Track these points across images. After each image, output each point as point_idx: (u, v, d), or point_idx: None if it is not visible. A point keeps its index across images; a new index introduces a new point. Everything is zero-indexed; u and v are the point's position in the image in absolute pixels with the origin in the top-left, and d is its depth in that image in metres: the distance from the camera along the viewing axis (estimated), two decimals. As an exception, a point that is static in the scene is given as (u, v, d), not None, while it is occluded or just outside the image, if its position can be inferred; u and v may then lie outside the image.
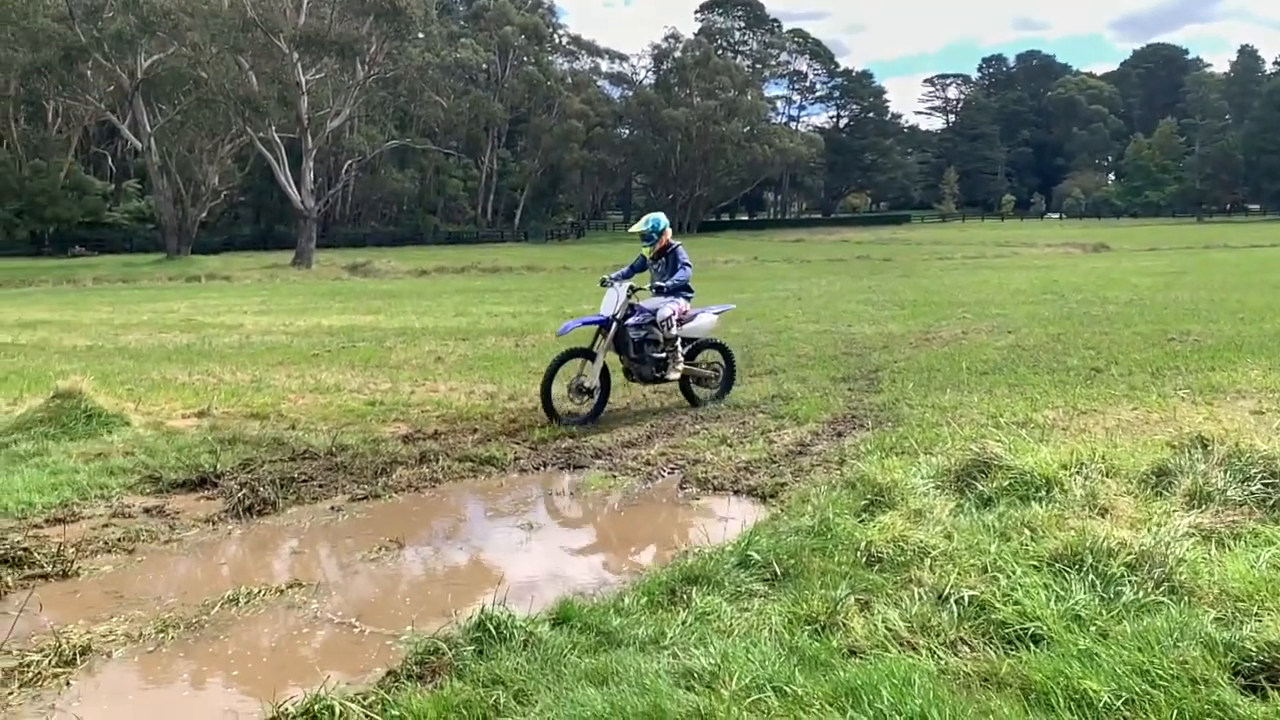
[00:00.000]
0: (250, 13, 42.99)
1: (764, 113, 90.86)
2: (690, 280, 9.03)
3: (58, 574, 4.96)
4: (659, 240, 9.02)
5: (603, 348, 8.54)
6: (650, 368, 8.69)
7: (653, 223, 9.07)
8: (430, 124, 73.14)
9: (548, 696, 3.46)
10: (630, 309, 8.69)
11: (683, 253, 9.03)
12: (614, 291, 8.67)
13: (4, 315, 21.25)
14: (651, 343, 8.66)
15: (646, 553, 5.26)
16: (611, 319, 8.58)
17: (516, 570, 5.13)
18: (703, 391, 9.22)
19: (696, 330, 9.16)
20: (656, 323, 8.66)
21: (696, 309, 9.23)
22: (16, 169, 57.43)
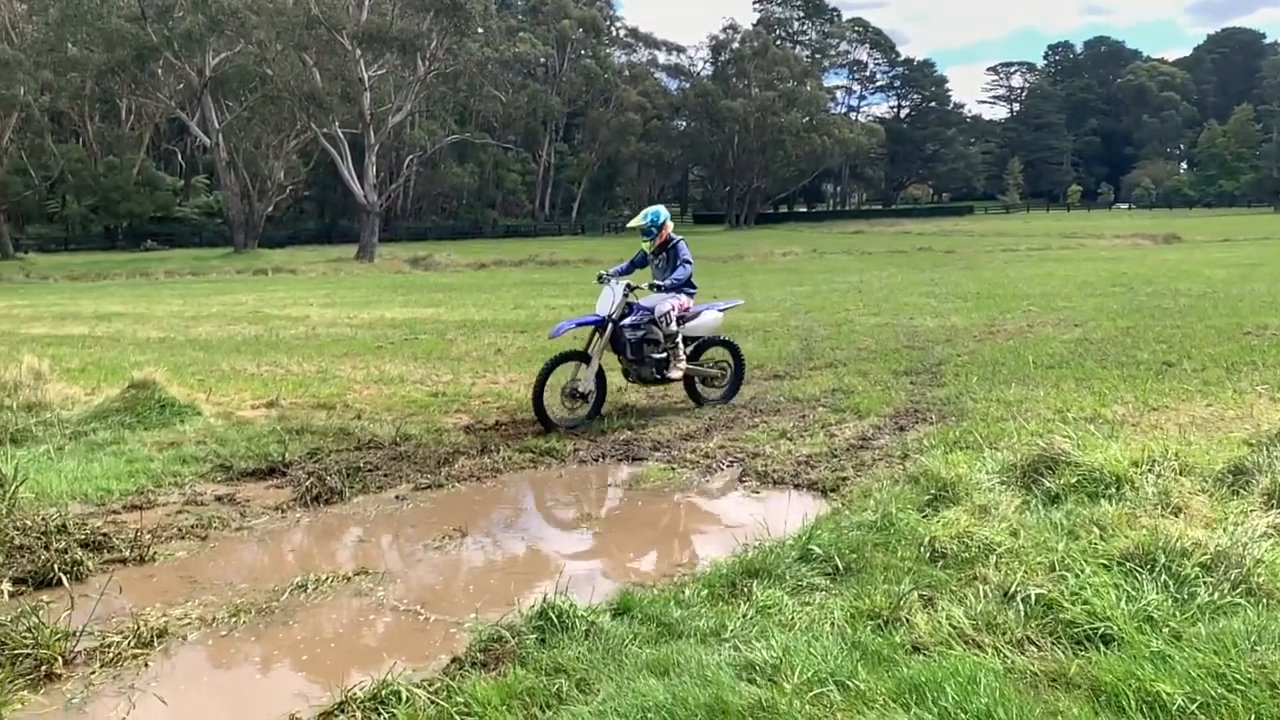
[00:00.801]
0: (314, 10, 43.74)
1: (823, 103, 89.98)
2: (693, 276, 8.63)
3: (135, 559, 5.12)
4: (659, 235, 8.58)
5: (598, 350, 8.14)
6: (650, 369, 8.33)
7: (651, 216, 8.63)
8: (489, 118, 73.74)
9: (609, 686, 3.49)
10: (628, 308, 8.27)
11: (684, 248, 8.61)
12: (610, 290, 8.23)
13: (81, 307, 21.96)
14: (651, 342, 8.28)
15: (706, 545, 5.25)
16: (607, 319, 8.14)
17: (576, 560, 5.17)
18: (710, 392, 8.87)
19: (700, 328, 8.77)
20: (655, 321, 8.27)
21: (701, 305, 8.86)
22: (92, 166, 59.21)
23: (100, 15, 45.41)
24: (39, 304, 23.26)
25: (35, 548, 4.96)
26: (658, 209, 8.74)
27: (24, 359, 9.55)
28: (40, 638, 3.88)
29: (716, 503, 6.21)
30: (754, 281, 25.00)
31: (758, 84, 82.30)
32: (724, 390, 8.93)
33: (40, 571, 4.76)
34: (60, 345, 14.16)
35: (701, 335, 8.83)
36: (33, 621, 3.99)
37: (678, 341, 8.42)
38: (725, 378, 8.97)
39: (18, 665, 3.73)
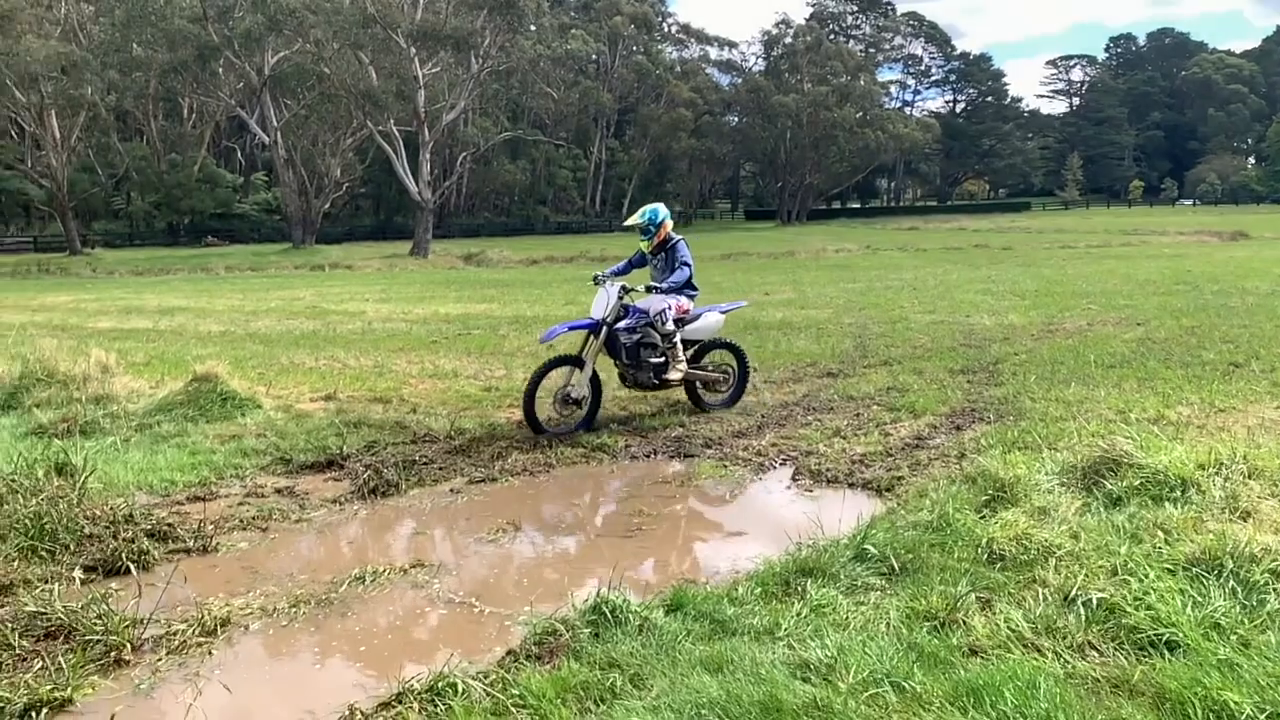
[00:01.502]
0: (370, 9, 44.32)
1: (877, 98, 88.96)
2: (694, 278, 8.27)
3: (198, 549, 5.25)
4: (657, 234, 8.18)
5: (592, 354, 7.80)
6: (647, 374, 7.99)
7: (649, 214, 8.21)
8: (541, 115, 74.17)
9: (663, 681, 3.50)
10: (624, 310, 7.91)
11: (683, 248, 8.23)
12: (605, 292, 7.89)
13: (145, 302, 22.52)
14: (648, 346, 7.96)
15: (758, 543, 5.23)
16: (601, 322, 7.80)
17: (628, 556, 5.18)
18: (713, 397, 8.54)
19: (701, 331, 8.43)
20: (651, 323, 7.94)
21: (702, 307, 8.54)
22: (155, 163, 60.66)
23: (164, 16, 46.50)
24: (105, 298, 23.89)
25: (104, 537, 5.11)
26: (655, 206, 8.34)
27: (92, 352, 9.82)
28: (110, 624, 4.00)
29: (769, 500, 6.19)
30: (806, 278, 24.81)
31: (810, 79, 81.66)
32: (727, 395, 8.58)
33: (109, 560, 4.90)
34: (126, 339, 14.54)
35: (702, 338, 8.49)
36: (103, 608, 4.11)
37: (676, 343, 8.06)
38: (729, 382, 8.63)
39: (88, 650, 3.84)
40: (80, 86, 47.08)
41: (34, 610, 4.10)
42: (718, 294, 20.67)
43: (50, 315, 19.34)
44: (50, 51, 43.66)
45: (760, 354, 11.58)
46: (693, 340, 8.40)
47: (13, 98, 45.48)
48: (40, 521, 5.07)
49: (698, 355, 8.50)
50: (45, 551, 4.93)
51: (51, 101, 46.58)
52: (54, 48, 44.27)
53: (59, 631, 3.99)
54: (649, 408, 8.62)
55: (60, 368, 9.41)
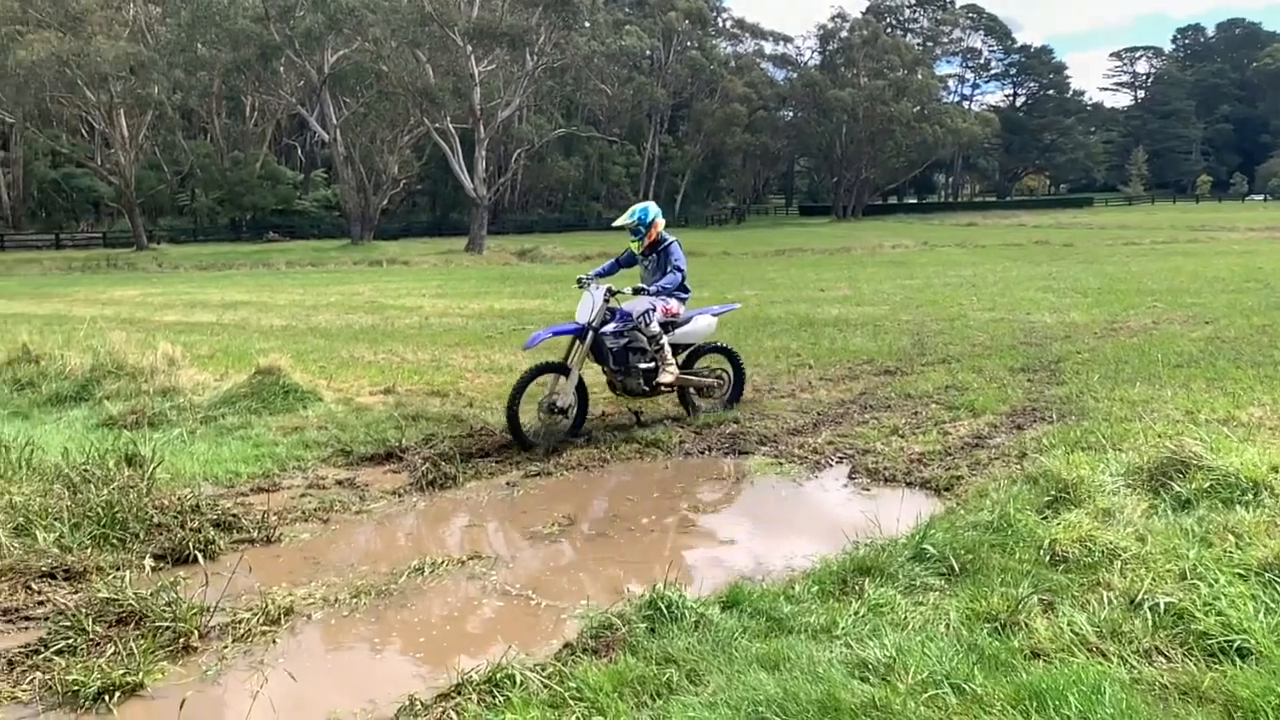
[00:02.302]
0: (428, 7, 44.77)
1: (935, 92, 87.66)
2: (686, 280, 7.92)
3: (262, 539, 5.36)
4: (648, 234, 7.86)
5: (578, 360, 7.45)
6: (636, 379, 7.63)
7: (639, 214, 7.91)
8: (595, 111, 74.34)
9: (720, 678, 3.50)
10: (610, 314, 7.57)
11: (675, 250, 7.87)
12: (590, 295, 7.56)
13: (209, 296, 23.04)
14: (637, 351, 7.63)
15: (815, 541, 5.19)
16: (586, 327, 7.46)
17: (683, 552, 5.19)
18: (706, 403, 8.23)
19: (691, 335, 8.11)
20: (637, 325, 7.62)
21: (693, 310, 8.24)
22: (219, 161, 62.01)
23: (227, 16, 47.47)
24: (170, 292, 24.50)
25: (172, 526, 5.24)
26: (646, 205, 8.06)
27: (159, 345, 10.09)
28: (178, 612, 4.10)
29: (825, 498, 6.14)
30: (862, 275, 24.56)
31: (867, 73, 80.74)
32: (721, 401, 8.29)
33: (177, 549, 5.03)
34: (191, 332, 14.90)
35: (693, 342, 8.20)
36: (171, 596, 4.22)
37: (663, 346, 7.73)
38: (723, 387, 8.34)
39: (158, 637, 3.95)
40: (147, 86, 48.27)
41: (107, 597, 4.22)
42: (771, 290, 20.60)
43: (119, 309, 19.89)
44: (119, 52, 44.83)
45: (816, 351, 11.51)
46: (684, 344, 8.09)
47: (84, 97, 46.81)
48: (112, 510, 5.22)
49: (690, 360, 8.23)
50: (116, 539, 5.08)
51: (120, 101, 47.83)
52: (123, 48, 45.46)
53: (130, 617, 4.10)
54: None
55: (129, 360, 9.68)
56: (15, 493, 5.51)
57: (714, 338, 8.58)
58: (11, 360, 10.46)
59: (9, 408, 9.08)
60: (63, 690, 3.60)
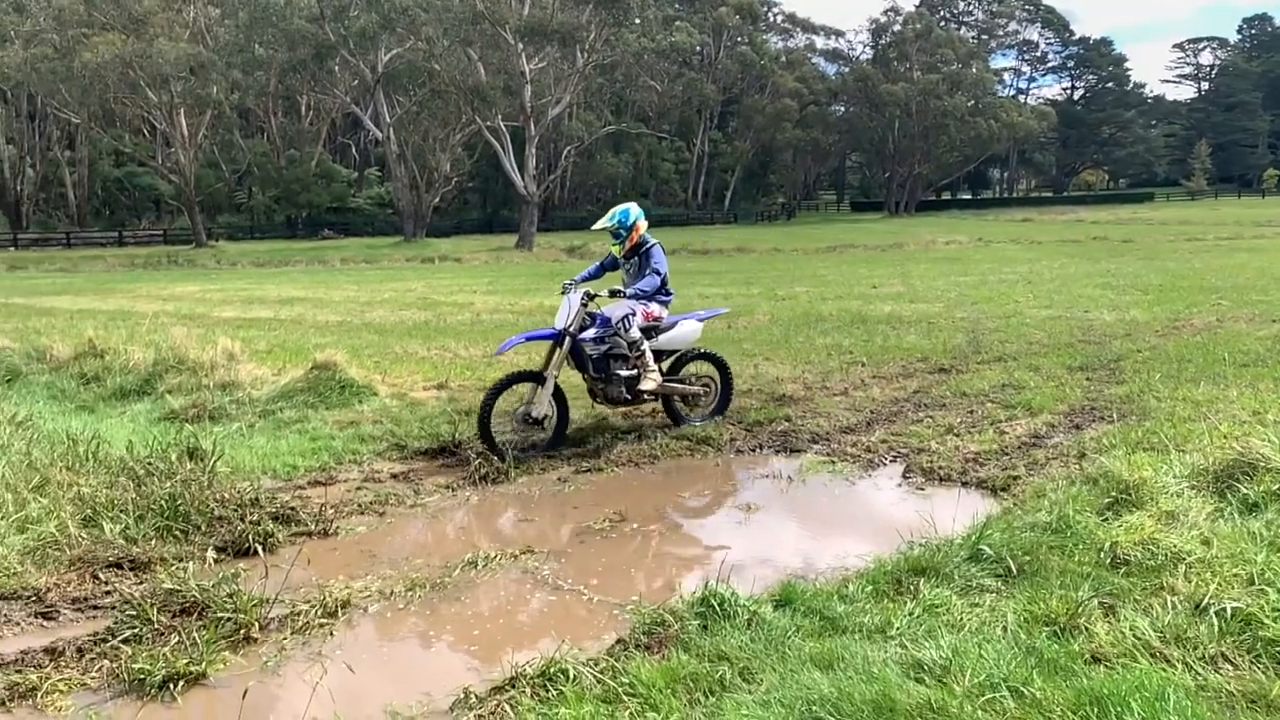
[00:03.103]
0: (479, 6, 45.10)
1: (990, 85, 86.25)
2: (668, 284, 7.61)
3: (319, 532, 5.45)
4: (629, 236, 7.53)
5: (555, 368, 7.11)
6: (618, 388, 7.30)
7: (620, 216, 7.56)
8: (644, 108, 74.33)
9: (773, 676, 3.48)
10: (589, 319, 7.23)
11: (656, 253, 7.53)
12: (567, 299, 7.28)
13: (266, 292, 23.47)
14: (618, 358, 7.31)
15: (868, 541, 5.15)
16: (564, 333, 7.16)
17: (735, 549, 5.16)
18: (695, 411, 7.89)
19: (676, 341, 7.76)
20: (617, 331, 7.28)
21: (677, 315, 7.90)
22: (275, 159, 63.14)
23: (284, 16, 48.27)
24: (228, 289, 24.99)
25: (232, 519, 5.36)
26: (628, 207, 7.68)
27: (219, 341, 10.30)
28: (239, 603, 4.18)
29: (879, 498, 6.08)
30: (915, 271, 24.26)
31: (920, 67, 79.66)
32: (709, 410, 7.94)
33: (237, 541, 5.14)
34: (249, 328, 15.18)
35: (677, 348, 7.84)
36: (232, 588, 4.31)
37: (644, 351, 7.36)
38: (711, 395, 7.98)
39: (220, 627, 4.03)
40: (207, 86, 49.30)
41: (170, 587, 4.32)
42: (823, 286, 20.43)
43: (179, 304, 20.34)
44: (180, 53, 45.84)
45: (868, 348, 11.40)
46: (667, 351, 7.77)
47: (145, 97, 47.96)
48: (174, 503, 5.35)
49: (675, 367, 7.90)
50: (179, 532, 5.20)
51: (180, 101, 48.92)
52: (183, 49, 46.47)
53: (193, 608, 4.20)
54: (754, 401, 8.55)
55: (190, 355, 9.90)
56: (83, 484, 5.67)
57: (699, 344, 8.22)
58: (78, 355, 10.77)
59: (76, 401, 9.35)
60: (129, 678, 3.69)
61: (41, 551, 4.85)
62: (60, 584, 4.55)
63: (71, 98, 47.62)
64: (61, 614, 4.32)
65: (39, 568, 4.70)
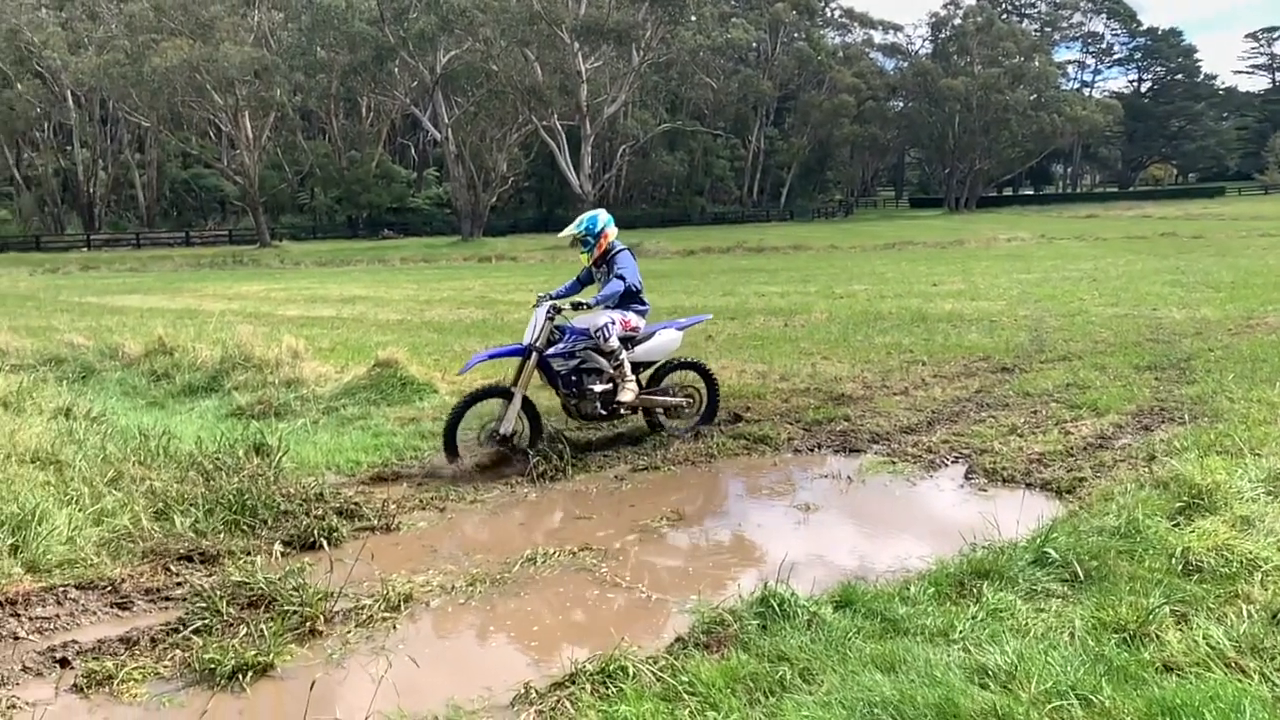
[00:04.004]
0: (536, 6, 45.47)
1: (1053, 79, 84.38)
2: (642, 293, 7.28)
3: (382, 527, 5.54)
4: (597, 244, 7.16)
5: (523, 384, 6.90)
6: (592, 403, 7.03)
7: (587, 223, 7.18)
8: (699, 105, 74.09)
9: (834, 677, 3.46)
10: (560, 332, 7.00)
11: (621, 259, 7.14)
12: (536, 314, 7.03)
13: (328, 291, 23.89)
14: (591, 372, 7.05)
15: (929, 542, 5.08)
16: (530, 348, 6.93)
17: (794, 550, 5.12)
18: (676, 423, 7.54)
19: (654, 351, 7.42)
20: (594, 344, 6.97)
21: (656, 324, 7.57)
22: (337, 160, 64.21)
23: (345, 19, 49.14)
24: (292, 288, 25.49)
25: (298, 514, 5.47)
26: (595, 213, 7.29)
27: (284, 339, 10.52)
28: (305, 597, 4.26)
29: (940, 499, 6.00)
30: (976, 268, 23.87)
31: (981, 61, 78.32)
32: (694, 421, 7.59)
33: (302, 535, 5.25)
34: (312, 326, 15.47)
35: (655, 359, 7.49)
36: (298, 581, 4.39)
37: (623, 361, 7.07)
38: (696, 406, 7.62)
39: (286, 620, 4.11)
40: (270, 89, 50.39)
41: (239, 580, 4.42)
42: (881, 284, 20.20)
43: (244, 303, 20.81)
44: (245, 57, 46.89)
45: (929, 347, 11.25)
46: (645, 362, 7.44)
47: (212, 101, 49.16)
48: (242, 498, 5.48)
49: (655, 377, 7.57)
50: (247, 525, 5.33)
51: (245, 103, 50.04)
52: (248, 53, 47.53)
53: (260, 600, 4.29)
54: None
55: (256, 353, 10.12)
56: (155, 479, 5.84)
57: (679, 354, 7.87)
58: (149, 352, 11.07)
59: (146, 398, 9.61)
60: (200, 668, 3.79)
61: (116, 543, 5.00)
62: (134, 575, 4.69)
63: (141, 102, 49.00)
64: (135, 604, 4.45)
65: (114, 559, 4.84)
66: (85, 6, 52.70)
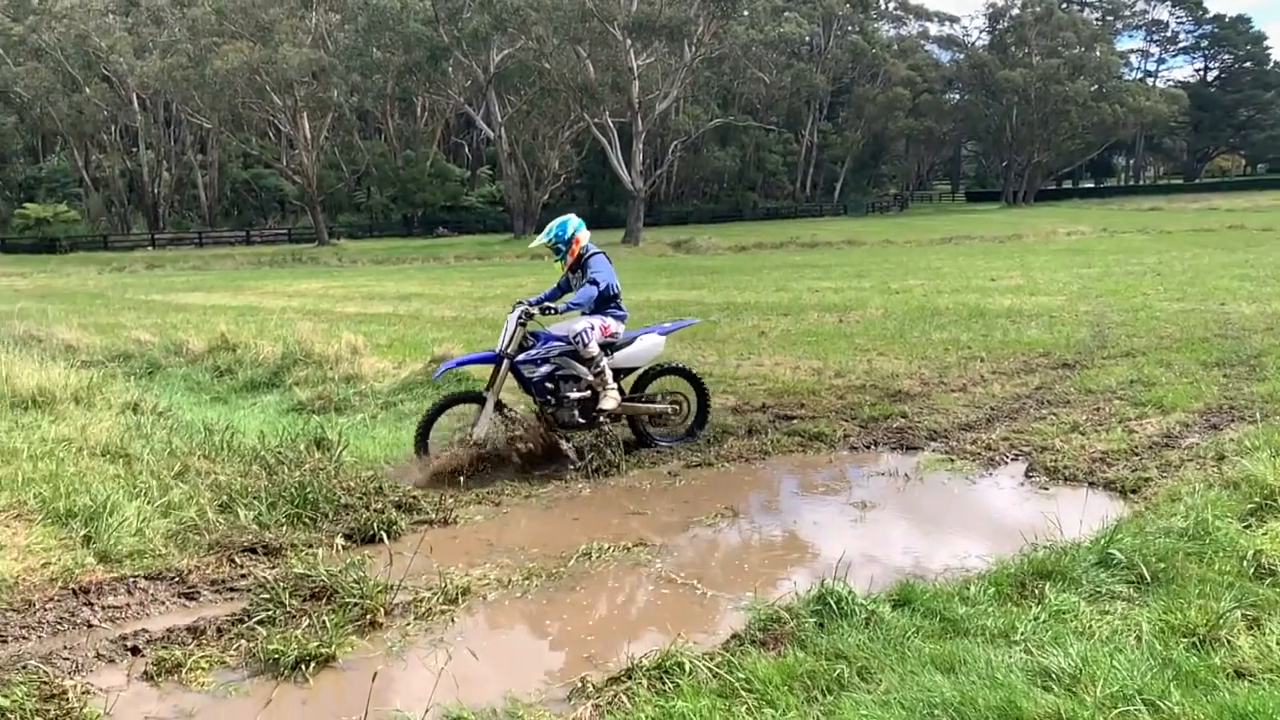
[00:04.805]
0: (589, 3, 45.50)
1: (1115, 69, 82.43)
2: (620, 300, 7.05)
3: (439, 520, 5.61)
4: (569, 251, 6.99)
5: (495, 390, 6.78)
6: (569, 411, 6.77)
7: (556, 231, 7.00)
8: (752, 100, 73.72)
9: (892, 677, 3.42)
10: (535, 338, 6.87)
11: (596, 262, 6.95)
12: (508, 320, 6.92)
13: (385, 288, 24.22)
14: (567, 379, 6.82)
15: (988, 541, 5.01)
16: (501, 355, 6.80)
17: (850, 547, 5.07)
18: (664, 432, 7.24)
19: (635, 358, 7.12)
20: (574, 351, 6.75)
21: (638, 330, 7.35)
22: (392, 159, 65.06)
23: (400, 20, 49.69)
24: (350, 285, 25.88)
25: (358, 507, 5.57)
26: (565, 219, 7.10)
27: (342, 335, 10.70)
28: (365, 589, 4.32)
29: (1000, 497, 5.90)
30: (1035, 263, 23.42)
31: (1039, 52, 76.78)
32: (684, 429, 7.26)
33: (362, 528, 5.33)
34: (370, 323, 15.70)
35: (636, 365, 7.17)
36: (359, 574, 4.45)
37: (603, 368, 6.79)
38: (684, 414, 7.28)
39: (347, 612, 4.18)
40: (328, 90, 51.19)
41: (301, 572, 4.50)
42: (938, 279, 19.92)
43: (304, 300, 21.18)
44: (303, 58, 47.69)
45: (987, 343, 11.07)
46: (626, 368, 7.12)
47: (271, 102, 50.08)
48: (304, 491, 5.58)
49: (640, 384, 7.28)
50: (308, 519, 5.43)
51: (303, 104, 50.90)
52: (306, 55, 48.34)
53: (322, 593, 4.37)
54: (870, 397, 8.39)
55: (316, 349, 10.32)
56: (220, 472, 5.98)
57: (664, 359, 7.57)
58: (212, 349, 11.34)
59: (210, 393, 9.85)
60: (265, 658, 3.87)
61: (183, 535, 5.12)
62: (200, 566, 4.80)
63: (203, 104, 50.09)
64: (202, 595, 4.56)
65: (181, 550, 4.97)
66: (150, 12, 53.98)
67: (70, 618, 4.26)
